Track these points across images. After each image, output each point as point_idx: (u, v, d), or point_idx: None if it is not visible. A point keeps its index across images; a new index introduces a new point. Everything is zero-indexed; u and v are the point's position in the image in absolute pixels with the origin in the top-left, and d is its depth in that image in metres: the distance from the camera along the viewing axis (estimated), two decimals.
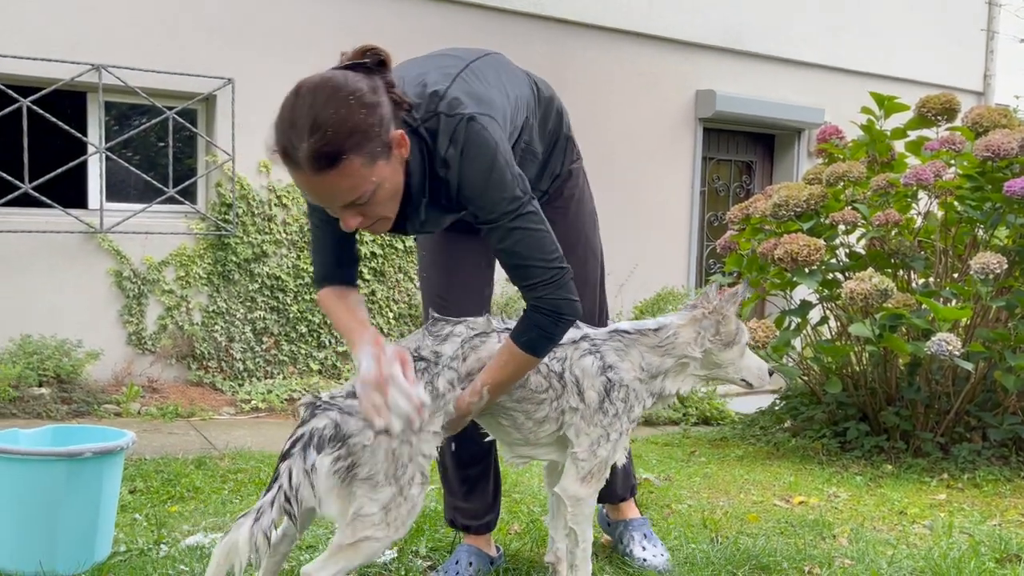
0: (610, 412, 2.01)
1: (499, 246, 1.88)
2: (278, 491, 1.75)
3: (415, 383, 1.79)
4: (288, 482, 1.75)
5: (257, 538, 1.71)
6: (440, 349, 1.94)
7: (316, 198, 1.76)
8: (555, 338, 1.92)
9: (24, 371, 4.83)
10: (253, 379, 5.88)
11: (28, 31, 5.19)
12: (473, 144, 1.80)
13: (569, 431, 2.02)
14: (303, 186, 1.73)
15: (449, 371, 1.93)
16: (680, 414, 5.96)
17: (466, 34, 6.57)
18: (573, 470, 2.03)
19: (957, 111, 4.47)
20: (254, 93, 5.80)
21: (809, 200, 4.29)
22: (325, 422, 1.78)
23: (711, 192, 8.31)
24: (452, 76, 1.89)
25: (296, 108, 1.67)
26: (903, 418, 4.24)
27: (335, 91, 1.66)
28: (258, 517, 1.74)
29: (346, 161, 1.65)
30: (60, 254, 5.35)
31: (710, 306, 2.08)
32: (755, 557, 2.51)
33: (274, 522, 1.75)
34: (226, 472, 3.58)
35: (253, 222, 5.87)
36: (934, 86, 8.08)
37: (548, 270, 1.86)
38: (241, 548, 1.71)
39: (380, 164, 1.70)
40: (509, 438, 2.08)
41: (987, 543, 2.75)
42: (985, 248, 4.19)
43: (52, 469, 2.26)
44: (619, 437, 2.04)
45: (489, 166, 1.81)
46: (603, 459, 2.03)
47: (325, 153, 1.64)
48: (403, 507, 1.83)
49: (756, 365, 2.16)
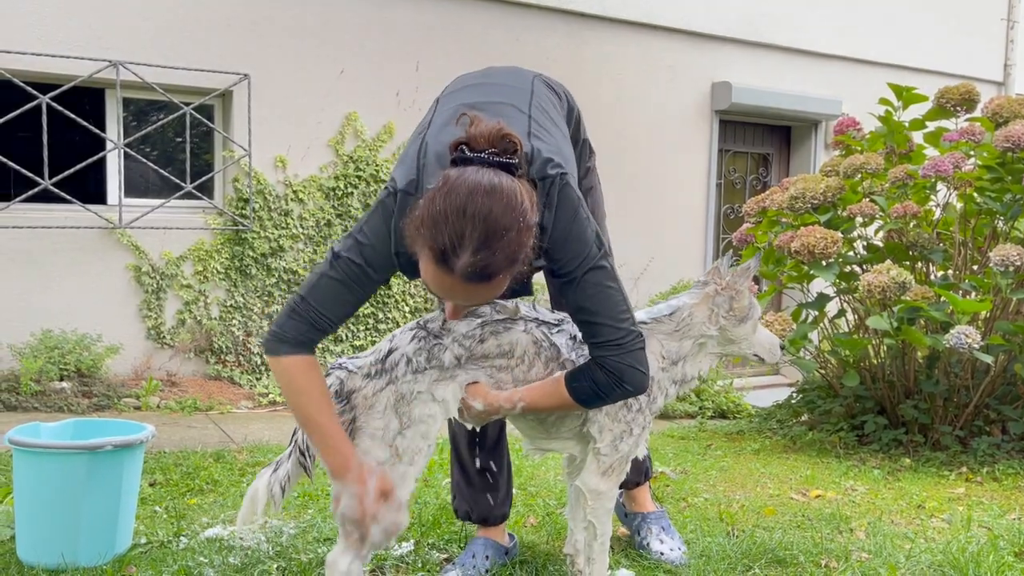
0: (633, 407, 2.01)
1: (572, 300, 1.85)
2: (293, 447, 1.96)
3: (397, 506, 1.83)
4: (302, 437, 1.94)
5: (274, 487, 1.95)
6: (453, 325, 1.93)
7: (445, 295, 1.74)
8: (608, 399, 1.91)
9: (46, 365, 4.89)
10: (270, 373, 5.92)
11: (46, 28, 5.23)
12: (562, 204, 1.80)
13: (592, 427, 2.02)
14: (436, 282, 1.68)
15: (458, 347, 1.92)
16: (696, 407, 5.95)
17: (483, 30, 6.57)
18: (594, 464, 2.03)
19: (976, 101, 4.43)
20: (270, 88, 5.83)
21: (826, 192, 4.27)
22: (331, 380, 1.91)
23: (727, 184, 8.27)
24: (527, 131, 1.86)
25: (467, 217, 1.60)
26: (921, 411, 4.21)
27: (508, 210, 1.62)
28: (276, 468, 1.98)
29: (498, 279, 1.67)
30: (80, 249, 5.41)
31: (723, 282, 2.08)
32: (771, 551, 2.51)
33: (289, 475, 1.96)
34: (244, 465, 3.61)
35: (270, 217, 5.90)
36: (953, 76, 8.00)
37: (617, 330, 1.83)
38: (260, 494, 1.95)
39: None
40: (531, 431, 2.08)
41: (1006, 537, 2.74)
42: (1005, 240, 4.15)
43: (73, 462, 2.29)
44: (641, 431, 2.04)
45: (572, 219, 1.80)
46: (625, 454, 2.03)
47: (483, 272, 1.63)
48: (398, 467, 1.90)
49: (768, 340, 2.16)
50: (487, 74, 2.12)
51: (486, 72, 2.14)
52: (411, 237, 1.67)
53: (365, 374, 1.90)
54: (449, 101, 2.01)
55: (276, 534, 2.58)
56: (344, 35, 6.11)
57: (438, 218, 1.61)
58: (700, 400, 6.08)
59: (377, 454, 1.88)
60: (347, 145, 6.17)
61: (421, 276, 1.71)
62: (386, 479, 1.83)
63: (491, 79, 2.08)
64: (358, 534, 1.83)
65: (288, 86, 5.90)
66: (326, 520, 2.73)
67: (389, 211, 1.79)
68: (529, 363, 1.96)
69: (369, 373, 1.90)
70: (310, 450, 1.91)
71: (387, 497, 1.81)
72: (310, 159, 6.06)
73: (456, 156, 1.71)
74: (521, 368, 1.96)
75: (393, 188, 1.81)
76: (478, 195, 1.61)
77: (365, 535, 1.82)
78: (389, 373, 1.89)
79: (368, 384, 1.89)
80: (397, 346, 1.92)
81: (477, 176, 1.64)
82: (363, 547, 1.85)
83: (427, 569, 2.35)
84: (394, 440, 1.89)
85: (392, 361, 1.90)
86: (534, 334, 1.96)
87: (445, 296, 1.77)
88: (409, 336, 1.93)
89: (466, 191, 1.61)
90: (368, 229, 1.81)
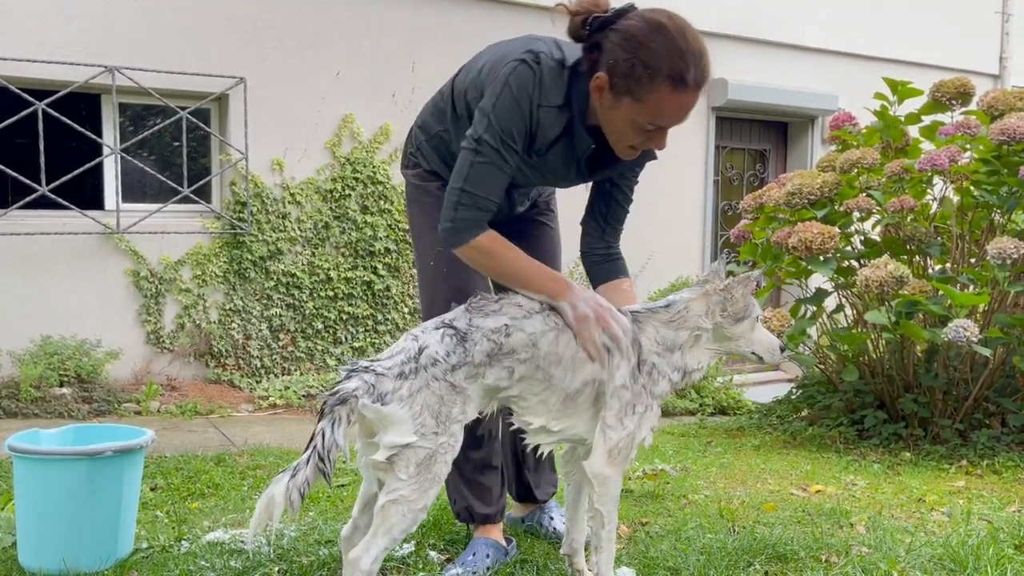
0: (639, 380, 2.04)
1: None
2: (312, 451, 1.87)
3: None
4: (321, 443, 1.85)
5: (292, 493, 1.86)
6: (480, 323, 1.95)
7: (677, 117, 1.93)
8: None
9: (45, 371, 4.89)
10: (271, 376, 5.93)
11: (41, 34, 5.24)
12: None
13: (606, 393, 2.03)
14: (662, 111, 1.89)
15: (487, 342, 1.93)
16: (697, 404, 5.96)
17: (478, 30, 6.57)
18: (602, 444, 2.03)
19: (972, 95, 4.43)
20: (266, 91, 5.83)
21: (823, 188, 4.27)
22: (357, 383, 1.86)
23: (725, 181, 8.27)
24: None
25: (694, 40, 1.88)
26: (921, 405, 4.22)
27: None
28: (294, 474, 1.87)
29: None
30: (78, 255, 5.41)
31: (720, 284, 2.11)
32: (772, 546, 2.51)
33: (308, 480, 1.86)
34: (245, 468, 3.61)
35: (268, 220, 5.90)
36: (949, 70, 8.00)
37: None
38: (277, 502, 1.86)
39: None
40: (544, 407, 2.06)
41: (1006, 529, 2.74)
42: (1002, 233, 4.16)
43: (74, 468, 2.29)
44: (644, 411, 2.05)
45: None
46: (630, 432, 2.04)
47: (706, 74, 1.90)
48: (432, 468, 1.88)
49: (768, 340, 2.18)
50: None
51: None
52: (627, 85, 1.87)
53: (398, 374, 1.87)
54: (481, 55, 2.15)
55: (277, 537, 2.58)
56: (339, 37, 6.12)
57: (674, 49, 1.85)
58: (700, 397, 6.09)
59: (413, 456, 1.87)
60: (344, 147, 6.17)
61: (631, 115, 1.90)
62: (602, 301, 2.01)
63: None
64: (598, 336, 1.95)
65: (284, 89, 5.90)
66: (327, 522, 2.73)
67: (525, 80, 1.94)
68: (554, 348, 1.99)
69: (403, 373, 1.87)
70: (330, 455, 1.86)
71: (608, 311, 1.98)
72: (307, 161, 6.07)
73: (593, 20, 1.91)
74: (550, 355, 1.98)
75: (534, 59, 1.96)
76: (683, 22, 1.90)
77: (610, 327, 1.95)
78: (425, 372, 1.88)
79: (404, 384, 1.87)
80: (427, 344, 1.90)
81: (666, 13, 1.90)
82: (603, 352, 1.96)
83: (428, 570, 2.35)
84: (431, 440, 1.88)
85: (426, 359, 1.89)
86: (550, 321, 1.99)
87: (678, 118, 1.93)
88: (438, 335, 1.92)
89: (678, 25, 1.88)
90: (499, 107, 1.94)
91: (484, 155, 1.96)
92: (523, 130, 1.98)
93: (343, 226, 6.16)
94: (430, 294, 2.34)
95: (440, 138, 2.26)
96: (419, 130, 2.34)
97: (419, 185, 2.34)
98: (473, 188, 1.97)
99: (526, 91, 1.94)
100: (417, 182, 2.35)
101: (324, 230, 6.10)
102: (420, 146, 2.33)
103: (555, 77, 1.96)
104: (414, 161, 2.36)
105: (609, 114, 1.95)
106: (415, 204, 2.36)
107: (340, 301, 6.18)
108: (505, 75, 1.95)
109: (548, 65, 1.97)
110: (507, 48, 2.07)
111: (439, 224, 2.02)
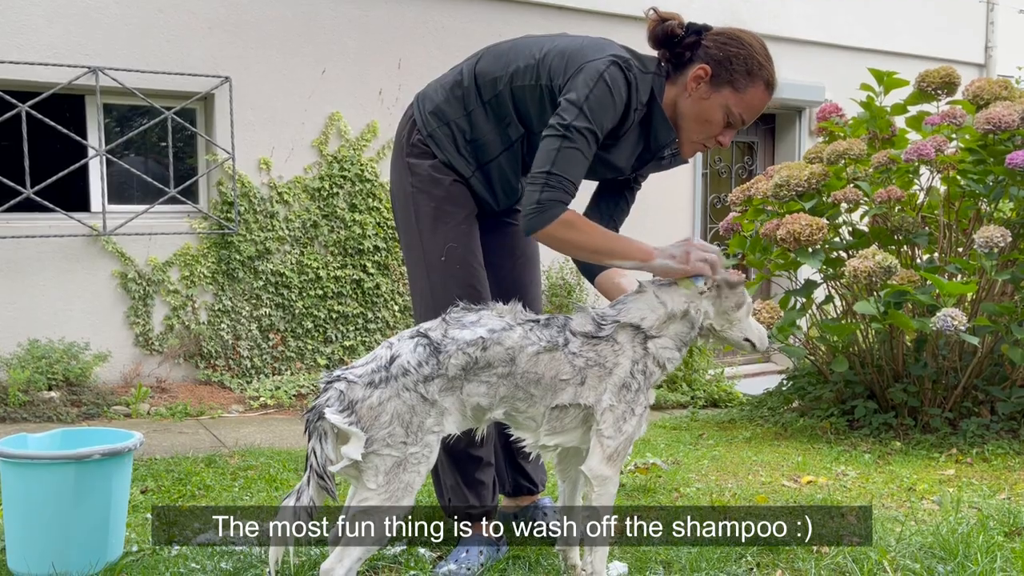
0: (633, 387, 2.02)
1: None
2: (310, 472, 1.90)
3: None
4: (316, 461, 1.88)
5: (300, 516, 1.92)
6: (456, 334, 1.92)
7: (755, 113, 2.17)
8: None
9: (33, 375, 4.86)
10: (261, 376, 5.91)
11: (23, 36, 5.20)
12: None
13: (596, 412, 2.01)
14: (752, 105, 2.14)
15: (462, 355, 1.90)
16: (688, 397, 5.97)
17: (463, 25, 6.56)
18: (599, 450, 2.03)
19: (957, 84, 4.44)
20: (252, 90, 5.80)
21: (810, 179, 4.28)
22: (331, 394, 1.88)
23: (713, 174, 8.28)
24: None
25: (766, 50, 2.18)
26: (911, 394, 4.23)
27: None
28: (298, 496, 1.93)
29: None
30: (65, 258, 5.38)
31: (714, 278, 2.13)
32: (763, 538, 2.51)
33: (313, 500, 1.91)
34: (236, 469, 3.59)
35: (255, 219, 5.88)
36: (934, 60, 8.01)
37: None
38: (288, 529, 1.93)
39: None
40: (534, 424, 2.05)
41: (996, 517, 2.75)
42: (989, 221, 4.18)
43: (61, 472, 2.28)
44: (644, 411, 2.05)
45: None
46: (628, 435, 2.03)
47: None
48: (402, 477, 1.87)
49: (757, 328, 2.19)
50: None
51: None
52: (731, 76, 2.10)
53: (368, 383, 1.86)
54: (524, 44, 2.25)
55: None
56: (325, 35, 6.09)
57: (762, 60, 2.15)
58: (692, 390, 6.10)
59: (381, 464, 1.86)
60: (331, 145, 6.15)
61: (727, 103, 2.11)
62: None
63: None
64: (708, 256, 2.06)
65: (270, 88, 5.87)
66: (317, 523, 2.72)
67: (618, 80, 2.06)
68: (532, 367, 1.95)
69: (372, 382, 1.86)
70: (327, 472, 1.87)
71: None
72: (294, 160, 6.04)
73: (689, 25, 2.16)
74: (528, 374, 1.94)
75: (619, 60, 2.08)
76: (754, 35, 2.20)
77: (708, 257, 2.05)
78: (395, 381, 1.86)
79: (373, 393, 1.85)
80: (399, 353, 1.89)
81: (738, 28, 2.19)
82: (715, 268, 2.06)
83: (420, 568, 2.34)
84: (399, 449, 1.87)
85: (397, 369, 1.87)
86: (531, 336, 1.96)
87: (755, 115, 2.18)
88: (411, 344, 1.90)
89: (752, 35, 2.19)
90: (592, 100, 2.04)
91: (573, 141, 2.04)
92: (610, 126, 2.08)
93: (331, 224, 6.14)
94: (435, 293, 2.29)
95: (457, 126, 2.24)
96: (432, 116, 2.28)
97: (433, 177, 2.28)
98: (560, 171, 2.03)
99: (620, 90, 2.06)
100: (432, 173, 2.28)
101: (312, 229, 6.08)
102: (433, 133, 2.27)
103: (643, 79, 2.12)
104: (426, 149, 2.29)
105: (701, 104, 2.11)
106: (424, 195, 2.29)
107: (330, 300, 6.16)
108: (598, 71, 2.05)
109: (636, 67, 2.12)
110: (574, 42, 2.18)
111: (523, 210, 2.07)
